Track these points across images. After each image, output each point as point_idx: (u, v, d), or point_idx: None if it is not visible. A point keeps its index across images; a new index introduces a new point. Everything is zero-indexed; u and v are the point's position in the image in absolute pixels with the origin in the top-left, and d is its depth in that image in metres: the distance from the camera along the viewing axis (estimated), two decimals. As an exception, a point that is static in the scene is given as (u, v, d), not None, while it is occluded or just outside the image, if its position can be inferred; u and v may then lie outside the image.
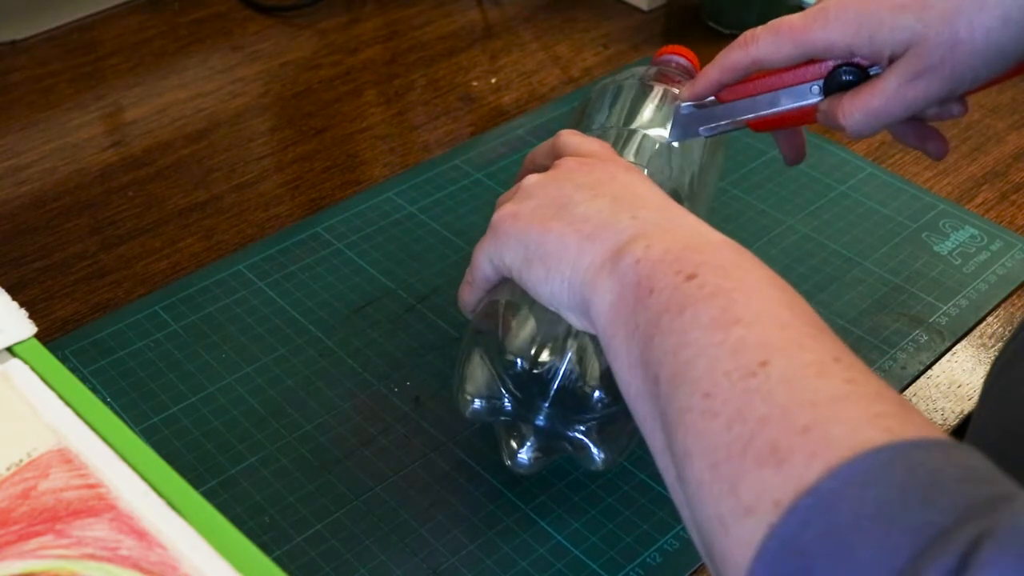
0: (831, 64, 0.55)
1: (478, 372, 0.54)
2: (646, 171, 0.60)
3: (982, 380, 0.64)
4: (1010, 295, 0.69)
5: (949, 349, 0.66)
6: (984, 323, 0.68)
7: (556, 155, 0.56)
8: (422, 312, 0.67)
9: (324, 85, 0.88)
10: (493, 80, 0.89)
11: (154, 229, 0.74)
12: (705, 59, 0.74)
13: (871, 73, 0.54)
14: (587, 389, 0.53)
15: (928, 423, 0.35)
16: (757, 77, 0.57)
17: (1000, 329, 0.67)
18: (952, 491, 0.32)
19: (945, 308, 0.68)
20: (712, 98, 0.59)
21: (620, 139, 0.62)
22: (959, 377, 0.64)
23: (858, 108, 0.53)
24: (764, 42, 0.54)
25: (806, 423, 0.35)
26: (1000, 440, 0.49)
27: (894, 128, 0.59)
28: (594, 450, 0.54)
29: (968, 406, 0.62)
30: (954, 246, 0.73)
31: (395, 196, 0.76)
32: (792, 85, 0.56)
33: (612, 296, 0.45)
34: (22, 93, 0.86)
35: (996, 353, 0.65)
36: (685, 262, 0.43)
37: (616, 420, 0.54)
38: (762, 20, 0.56)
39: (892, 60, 0.52)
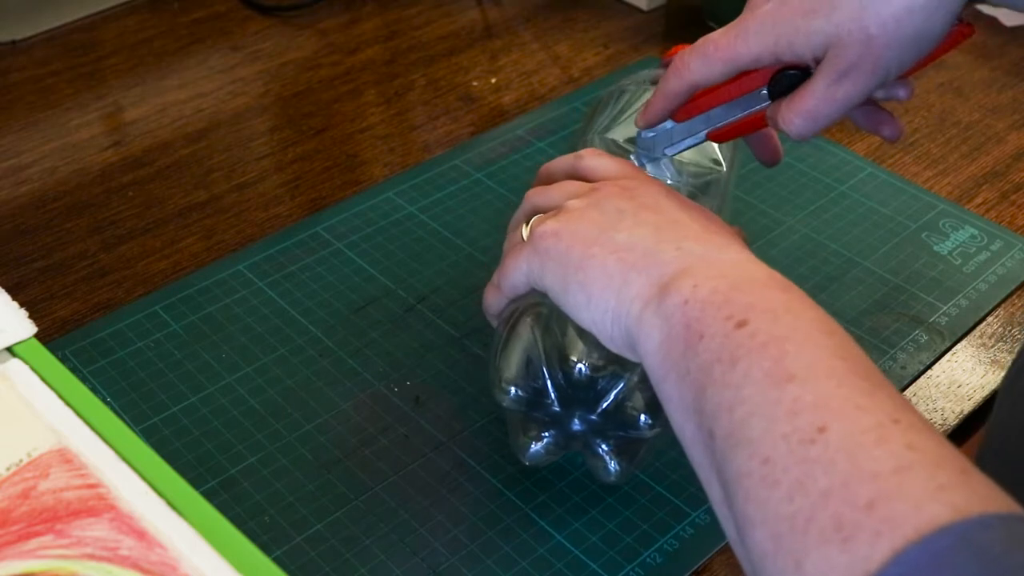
0: (772, 68, 0.55)
1: (523, 363, 0.54)
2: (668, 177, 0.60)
3: (982, 380, 0.64)
4: (1010, 295, 0.69)
5: (949, 349, 0.66)
6: (984, 323, 0.68)
7: (581, 176, 0.56)
8: (422, 312, 0.67)
9: (324, 85, 0.88)
10: (493, 80, 0.89)
11: (154, 229, 0.74)
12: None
13: (811, 71, 0.54)
14: (633, 412, 0.52)
15: (990, 490, 0.35)
16: (708, 91, 0.57)
17: (1000, 329, 0.67)
18: None
19: (945, 308, 0.68)
20: (669, 121, 0.60)
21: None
22: (959, 377, 0.64)
23: (795, 113, 0.54)
24: (695, 66, 0.55)
25: (870, 498, 0.34)
26: (1019, 442, 0.49)
27: (849, 115, 0.59)
28: (611, 463, 0.54)
29: (968, 406, 0.62)
30: (954, 246, 0.73)
31: (395, 196, 0.76)
32: (740, 95, 0.57)
33: (660, 336, 0.45)
34: (22, 93, 0.86)
35: (996, 353, 0.65)
36: (735, 305, 0.43)
37: (644, 442, 0.54)
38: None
39: (817, 63, 0.53)
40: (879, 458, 0.35)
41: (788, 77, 0.54)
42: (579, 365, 0.52)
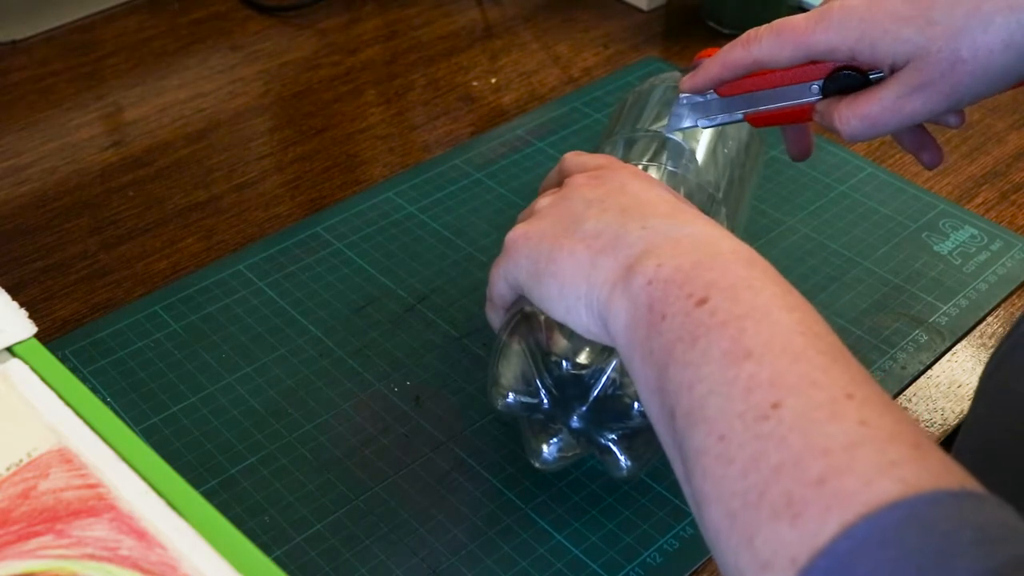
0: (832, 65, 0.55)
1: (517, 367, 0.54)
2: (673, 172, 0.60)
3: (982, 380, 0.64)
4: (1010, 295, 0.69)
5: (949, 349, 0.66)
6: (984, 323, 0.68)
7: (563, 177, 0.56)
8: (422, 312, 0.67)
9: (324, 85, 0.88)
10: (493, 80, 0.89)
11: (154, 229, 0.74)
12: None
13: (871, 78, 0.54)
14: (626, 400, 0.53)
15: (943, 466, 0.34)
16: (758, 74, 0.57)
17: (1000, 329, 0.67)
18: (968, 555, 0.31)
19: (945, 308, 0.68)
20: (712, 91, 0.59)
21: (653, 143, 0.62)
22: (959, 377, 0.64)
23: (855, 114, 0.53)
24: (766, 42, 0.55)
25: (820, 474, 0.34)
26: (998, 436, 0.49)
27: (896, 133, 0.59)
28: (621, 458, 0.54)
29: (968, 406, 0.62)
30: (954, 246, 0.73)
31: (395, 196, 0.76)
32: (792, 83, 0.56)
33: (626, 316, 0.45)
34: (22, 93, 0.86)
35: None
36: (696, 283, 0.43)
37: (647, 432, 0.54)
38: (761, 20, 0.56)
39: (893, 70, 0.52)
40: (831, 434, 0.36)
41: (848, 78, 0.54)
42: (562, 362, 0.52)
